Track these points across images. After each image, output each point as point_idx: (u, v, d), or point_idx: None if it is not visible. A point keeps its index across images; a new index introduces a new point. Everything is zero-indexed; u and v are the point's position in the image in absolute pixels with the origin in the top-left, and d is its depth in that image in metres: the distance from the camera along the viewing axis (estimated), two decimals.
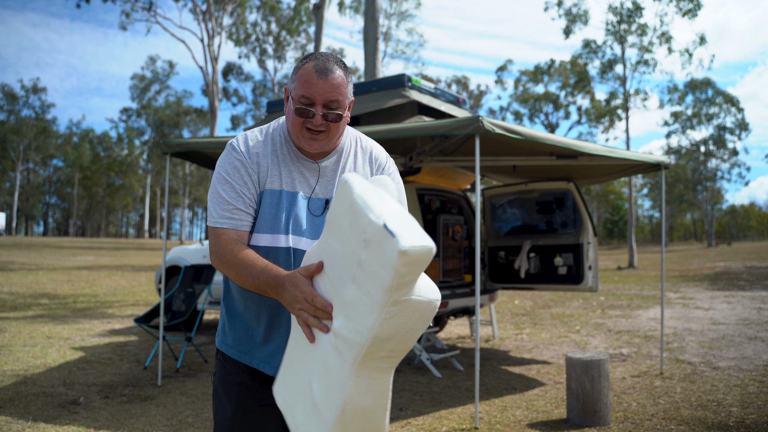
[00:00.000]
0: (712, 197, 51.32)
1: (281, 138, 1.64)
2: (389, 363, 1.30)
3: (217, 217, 1.55)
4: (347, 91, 1.57)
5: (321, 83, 1.51)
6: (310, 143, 1.56)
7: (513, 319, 9.32)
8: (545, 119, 44.26)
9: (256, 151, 1.60)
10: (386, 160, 1.73)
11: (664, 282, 5.99)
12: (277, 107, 6.60)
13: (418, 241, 1.16)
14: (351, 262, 1.25)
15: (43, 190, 71.91)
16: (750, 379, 5.05)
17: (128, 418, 4.02)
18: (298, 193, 1.59)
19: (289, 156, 1.61)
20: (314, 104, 1.53)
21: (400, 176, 2.08)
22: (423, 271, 1.23)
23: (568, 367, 4.03)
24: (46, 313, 9.12)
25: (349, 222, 1.26)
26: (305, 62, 1.55)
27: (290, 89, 1.58)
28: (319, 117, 1.53)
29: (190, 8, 27.97)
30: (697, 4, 25.57)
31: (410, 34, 35.63)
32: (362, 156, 1.70)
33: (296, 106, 1.54)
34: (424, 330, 1.25)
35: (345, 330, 1.26)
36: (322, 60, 1.54)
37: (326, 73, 1.52)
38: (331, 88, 1.52)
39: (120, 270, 18.82)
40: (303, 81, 1.53)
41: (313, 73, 1.52)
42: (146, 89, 51.33)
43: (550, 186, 6.29)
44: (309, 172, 1.62)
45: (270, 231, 1.56)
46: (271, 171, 1.59)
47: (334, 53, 1.48)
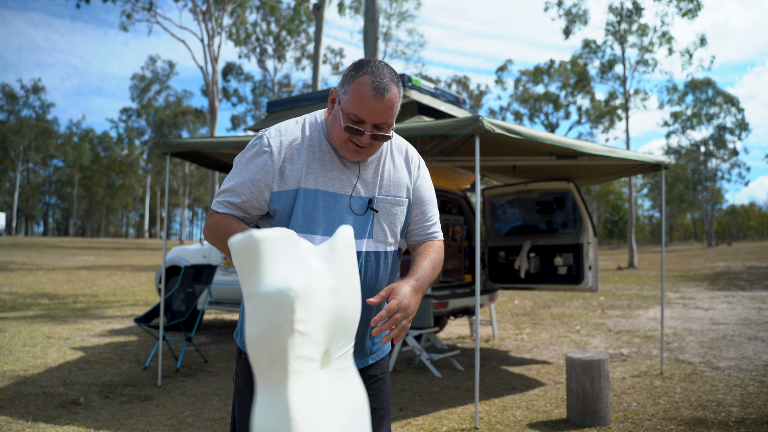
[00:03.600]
0: (712, 197, 51.32)
1: (320, 135, 1.59)
2: (277, 372, 1.18)
3: (222, 201, 1.57)
4: (397, 108, 1.51)
5: (376, 104, 1.45)
6: (355, 156, 1.54)
7: (513, 319, 9.32)
8: (545, 119, 44.26)
9: (292, 147, 1.55)
10: (419, 159, 1.74)
11: (664, 282, 6.00)
12: (277, 107, 6.60)
13: (243, 234, 1.22)
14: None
15: (43, 190, 71.93)
16: (750, 379, 5.05)
17: (128, 418, 4.01)
18: (338, 193, 1.56)
19: (328, 155, 1.57)
20: (364, 123, 1.48)
21: None
22: (267, 262, 1.22)
23: (568, 367, 4.03)
24: (46, 313, 9.12)
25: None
26: (361, 74, 1.47)
27: (340, 98, 1.51)
28: (367, 137, 1.49)
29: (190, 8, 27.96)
30: (697, 4, 25.58)
31: (410, 34, 35.64)
32: (399, 156, 1.69)
33: (346, 123, 1.48)
34: (289, 325, 1.16)
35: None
36: (379, 75, 1.46)
37: (383, 93, 1.45)
38: (386, 109, 1.47)
39: (120, 270, 18.83)
40: (358, 98, 1.46)
41: (370, 92, 1.45)
42: (146, 89, 51.35)
43: (550, 186, 6.29)
44: (350, 170, 1.59)
45: (303, 231, 1.52)
46: (308, 168, 1.55)
47: (387, 66, 1.51)
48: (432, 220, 1.71)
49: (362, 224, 1.57)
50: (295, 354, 1.18)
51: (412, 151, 1.73)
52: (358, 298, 1.39)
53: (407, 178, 1.67)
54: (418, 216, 1.69)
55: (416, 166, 1.71)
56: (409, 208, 1.68)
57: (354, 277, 1.38)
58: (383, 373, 1.72)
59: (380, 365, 1.72)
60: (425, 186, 1.71)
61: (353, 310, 1.37)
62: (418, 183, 1.70)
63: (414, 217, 1.69)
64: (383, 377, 1.73)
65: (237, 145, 4.94)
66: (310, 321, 1.20)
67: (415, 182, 1.69)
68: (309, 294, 1.20)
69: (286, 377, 1.17)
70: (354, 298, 1.37)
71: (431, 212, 1.71)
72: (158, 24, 27.04)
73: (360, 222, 1.57)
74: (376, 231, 1.58)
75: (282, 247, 1.26)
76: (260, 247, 1.21)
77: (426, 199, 1.70)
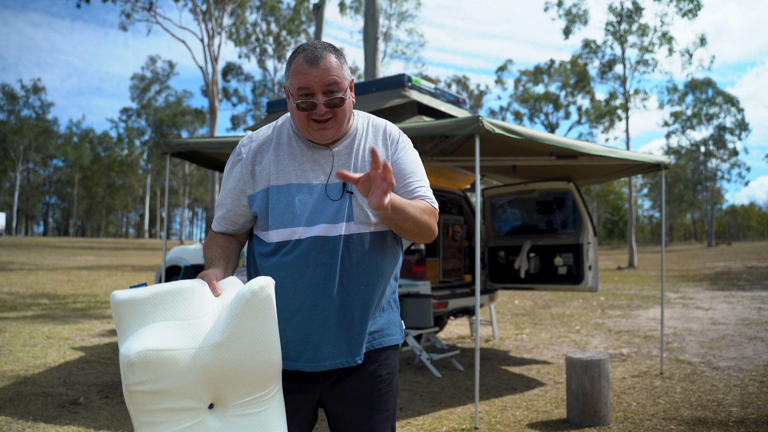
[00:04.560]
0: (712, 197, 51.32)
1: (288, 131, 1.64)
2: (133, 423, 1.32)
3: (216, 218, 1.69)
4: (344, 73, 1.54)
5: (314, 71, 1.50)
6: (322, 133, 1.55)
7: (513, 319, 9.32)
8: (545, 119, 44.27)
9: (261, 149, 1.62)
10: (399, 134, 1.70)
11: (664, 282, 5.99)
12: (277, 107, 6.60)
13: (115, 293, 1.34)
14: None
15: (43, 190, 71.93)
16: (750, 379, 5.05)
17: (128, 418, 4.01)
18: (312, 183, 1.57)
19: (298, 148, 1.61)
20: (314, 94, 1.51)
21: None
22: (125, 324, 1.30)
23: (568, 367, 4.03)
24: (46, 313, 9.12)
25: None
26: (295, 56, 1.54)
27: (287, 86, 1.57)
28: (321, 106, 1.51)
29: (190, 8, 27.97)
30: (697, 4, 25.58)
31: (410, 34, 35.64)
32: (374, 134, 1.67)
33: (297, 101, 1.52)
34: (127, 387, 1.26)
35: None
36: (310, 49, 1.52)
37: (317, 60, 1.50)
38: (326, 72, 1.50)
39: (120, 270, 18.83)
40: (296, 74, 1.51)
41: (304, 64, 1.50)
42: (146, 89, 51.35)
43: (550, 186, 6.29)
44: (323, 159, 1.60)
45: (281, 226, 1.55)
46: (277, 166, 1.59)
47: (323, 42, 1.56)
48: (418, 192, 1.62)
49: (340, 208, 1.56)
50: (142, 409, 1.26)
51: (391, 126, 1.70)
52: (262, 352, 1.37)
53: (384, 153, 1.64)
54: (401, 189, 1.62)
55: (394, 141, 1.67)
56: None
57: (254, 332, 1.35)
58: (389, 373, 1.66)
59: (386, 365, 1.66)
60: (406, 159, 1.65)
61: (253, 364, 1.35)
62: (397, 156, 1.65)
63: (397, 191, 1.61)
64: (388, 378, 1.66)
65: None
66: (163, 380, 1.25)
67: (393, 155, 1.65)
68: (153, 358, 1.24)
69: (137, 428, 1.28)
70: (253, 353, 1.35)
71: (416, 184, 1.63)
72: (158, 24, 27.05)
73: (338, 206, 1.56)
74: (356, 213, 1.56)
75: (148, 307, 1.30)
76: (118, 310, 1.30)
77: (408, 172, 1.64)
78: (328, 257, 1.52)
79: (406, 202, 1.51)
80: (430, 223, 1.59)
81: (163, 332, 1.28)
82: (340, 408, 1.63)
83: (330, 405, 1.64)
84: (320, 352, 1.54)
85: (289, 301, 1.54)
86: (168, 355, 1.26)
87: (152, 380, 1.25)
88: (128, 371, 1.24)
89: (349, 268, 1.54)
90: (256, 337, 1.35)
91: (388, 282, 1.64)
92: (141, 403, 1.26)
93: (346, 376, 1.61)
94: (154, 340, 1.26)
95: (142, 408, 1.26)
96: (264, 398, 1.40)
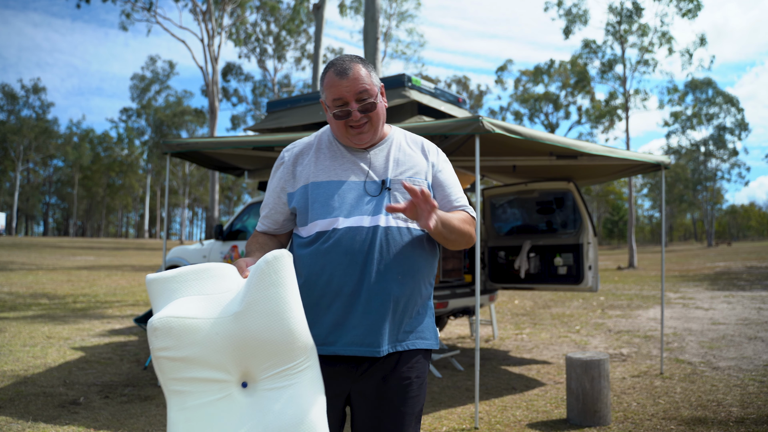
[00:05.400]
0: (712, 197, 51.31)
1: (329, 139, 1.77)
2: (164, 391, 1.39)
3: (260, 218, 1.82)
4: (372, 80, 1.67)
5: (345, 82, 1.63)
6: (360, 137, 1.68)
7: (513, 319, 9.32)
8: (545, 119, 44.26)
9: (302, 153, 1.76)
10: (436, 149, 1.83)
11: (664, 282, 5.99)
12: (277, 107, 6.60)
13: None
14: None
15: (43, 190, 71.92)
16: (750, 379, 5.05)
17: (128, 418, 4.01)
18: (352, 180, 1.68)
19: (339, 151, 1.73)
20: (348, 103, 1.64)
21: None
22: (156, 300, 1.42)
23: (568, 367, 4.03)
24: (46, 313, 9.12)
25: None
26: (326, 71, 1.68)
27: (323, 100, 1.70)
28: (356, 113, 1.64)
29: (190, 8, 27.98)
30: (697, 4, 25.57)
31: (410, 34, 35.62)
32: (413, 146, 1.80)
33: (333, 111, 1.66)
34: (154, 353, 1.34)
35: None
36: (339, 63, 1.66)
37: (346, 72, 1.64)
38: (356, 81, 1.64)
39: (120, 270, 18.83)
40: (330, 87, 1.65)
41: (335, 77, 1.64)
42: (146, 89, 51.33)
43: (550, 186, 6.29)
44: (361, 161, 1.71)
45: (320, 217, 1.64)
46: (317, 166, 1.71)
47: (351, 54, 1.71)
48: (458, 201, 1.77)
49: (379, 203, 1.65)
50: (169, 377, 1.34)
51: (428, 143, 1.85)
52: (282, 320, 1.40)
53: (424, 163, 1.76)
54: (442, 198, 1.77)
55: (434, 154, 1.81)
56: (429, 188, 1.75)
57: (271, 300, 1.39)
58: (418, 377, 1.69)
59: (416, 368, 1.68)
60: (446, 172, 1.80)
61: (272, 332, 1.38)
62: (438, 168, 1.79)
63: (438, 200, 1.76)
64: (417, 381, 1.68)
65: (237, 145, 4.94)
66: (186, 348, 1.33)
67: (435, 167, 1.79)
68: (175, 325, 1.32)
69: (168, 396, 1.36)
70: (272, 320, 1.38)
71: (456, 194, 1.78)
72: (158, 24, 27.07)
73: (377, 201, 1.66)
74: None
75: (175, 285, 1.41)
76: (150, 287, 1.43)
77: (449, 183, 1.79)
78: (366, 246, 1.59)
79: (451, 216, 1.66)
80: (471, 232, 1.74)
81: (186, 304, 1.38)
82: (366, 406, 1.65)
83: (357, 402, 1.66)
84: (357, 336, 1.59)
85: (328, 286, 1.60)
86: (189, 322, 1.33)
87: (175, 347, 1.32)
88: (152, 336, 1.33)
89: (387, 258, 1.61)
90: (272, 305, 1.39)
91: (424, 280, 1.70)
92: (168, 371, 1.33)
93: (377, 373, 1.64)
94: (177, 309, 1.35)
95: (169, 375, 1.34)
96: (292, 371, 1.42)
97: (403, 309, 1.64)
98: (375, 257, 1.59)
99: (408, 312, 1.66)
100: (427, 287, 1.73)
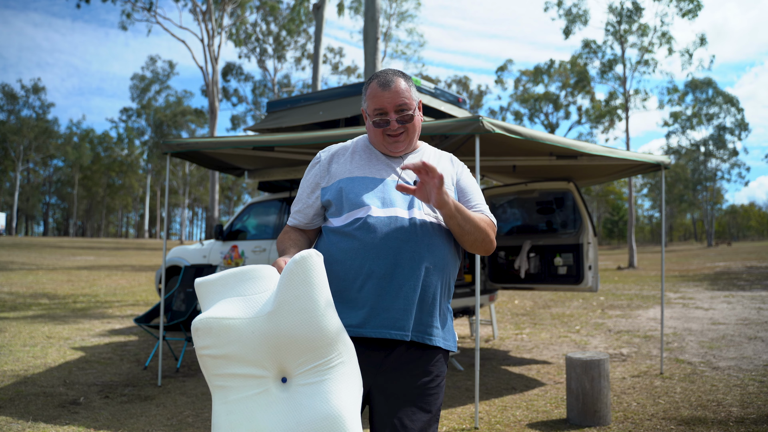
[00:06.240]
0: (712, 197, 51.32)
1: (365, 144, 1.88)
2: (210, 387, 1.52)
3: (292, 213, 1.90)
4: (412, 94, 1.79)
5: (387, 93, 1.75)
6: (396, 146, 1.80)
7: (513, 319, 9.32)
8: (545, 119, 44.25)
9: (338, 154, 1.85)
10: (461, 163, 1.96)
11: (664, 282, 5.99)
12: (277, 107, 6.60)
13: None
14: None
15: (43, 190, 71.90)
16: (750, 379, 5.05)
17: (128, 418, 4.02)
18: (385, 178, 1.77)
19: (374, 156, 1.84)
20: (387, 113, 1.76)
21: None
22: (203, 301, 1.55)
23: (568, 367, 4.03)
24: (46, 313, 9.12)
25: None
26: (370, 82, 1.80)
27: (365, 108, 1.82)
28: (394, 122, 1.76)
29: (190, 8, 27.98)
30: (697, 4, 25.57)
31: (410, 34, 35.63)
32: (441, 157, 1.92)
33: (373, 119, 1.78)
34: (198, 351, 1.47)
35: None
36: (382, 76, 1.78)
37: (389, 84, 1.76)
38: (397, 94, 1.75)
39: (120, 270, 18.83)
40: (372, 97, 1.77)
41: (378, 88, 1.76)
42: (146, 89, 51.32)
43: (550, 186, 6.29)
44: (395, 163, 1.83)
45: (354, 207, 1.72)
46: (352, 164, 1.81)
47: (394, 69, 1.88)
48: (478, 207, 1.85)
49: (410, 199, 1.75)
50: (212, 373, 1.46)
51: (454, 156, 1.98)
52: (313, 317, 1.47)
53: (451, 170, 1.88)
54: (464, 203, 1.85)
55: (459, 165, 1.94)
56: (455, 195, 1.85)
57: (301, 299, 1.46)
58: (437, 375, 1.76)
59: (437, 366, 1.76)
60: (469, 181, 1.91)
61: (304, 328, 1.46)
62: (462, 176, 1.90)
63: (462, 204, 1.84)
64: (437, 379, 1.75)
65: (237, 145, 4.94)
66: (226, 346, 1.44)
67: (459, 175, 1.89)
68: (214, 325, 1.44)
69: (212, 391, 1.48)
70: (303, 318, 1.46)
71: (476, 200, 1.87)
72: (158, 24, 27.06)
73: (409, 198, 1.75)
74: (425, 205, 1.75)
75: (218, 287, 1.53)
76: (198, 290, 1.56)
77: (470, 190, 1.89)
78: (401, 233, 1.67)
79: (466, 211, 1.72)
80: (490, 234, 1.79)
81: (226, 305, 1.48)
82: (386, 401, 1.68)
83: (377, 398, 1.69)
84: (388, 319, 1.65)
85: (361, 269, 1.66)
86: (227, 323, 1.44)
87: (215, 345, 1.44)
88: (194, 336, 1.46)
89: (419, 248, 1.68)
90: (302, 303, 1.46)
91: (450, 278, 1.78)
92: (210, 367, 1.45)
93: (400, 366, 1.69)
94: (217, 311, 1.47)
95: (212, 372, 1.45)
96: (324, 367, 1.48)
97: (431, 300, 1.71)
98: (408, 246, 1.66)
99: (435, 305, 1.73)
100: (451, 286, 1.81)
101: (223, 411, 1.44)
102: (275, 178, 6.45)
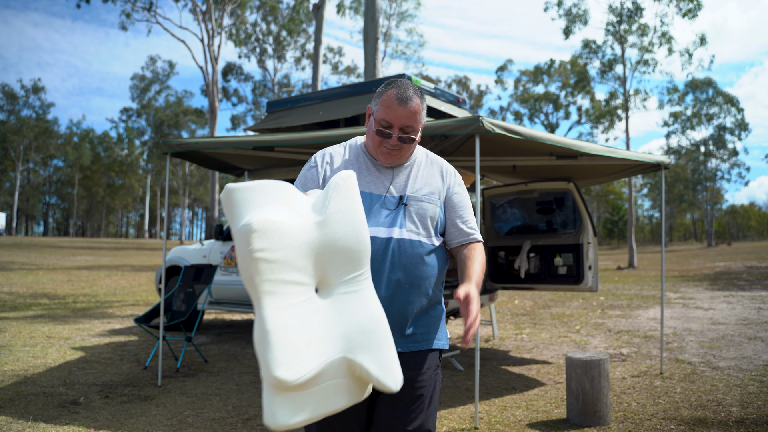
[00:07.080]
0: (712, 197, 51.31)
1: (357, 151, 1.90)
2: (254, 293, 1.46)
3: None
4: (421, 117, 1.81)
5: (400, 110, 1.75)
6: (388, 158, 1.82)
7: (513, 319, 9.32)
8: (545, 119, 44.25)
9: (333, 159, 1.86)
10: (453, 172, 1.97)
11: (664, 282, 5.99)
12: (277, 107, 6.60)
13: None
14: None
15: (43, 190, 71.89)
16: (750, 379, 5.05)
17: (128, 418, 4.02)
18: (374, 193, 1.81)
19: (365, 163, 1.86)
20: (392, 127, 1.77)
21: None
22: (240, 208, 1.49)
23: (568, 367, 4.03)
24: (46, 313, 9.12)
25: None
26: (388, 89, 1.79)
27: (373, 110, 1.83)
28: (395, 139, 1.78)
29: (190, 8, 27.98)
30: (697, 4, 25.56)
31: (410, 34, 35.60)
32: (433, 167, 1.93)
33: (377, 127, 1.79)
34: (250, 254, 1.40)
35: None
36: (403, 89, 1.77)
37: (406, 101, 1.76)
38: (409, 114, 1.77)
39: (120, 270, 18.83)
40: (385, 106, 1.77)
41: (394, 100, 1.76)
42: (146, 89, 51.33)
43: (550, 186, 6.29)
44: (384, 176, 1.85)
45: None
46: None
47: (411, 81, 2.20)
48: (469, 223, 1.90)
49: (395, 217, 1.79)
50: (264, 278, 1.41)
51: (447, 165, 1.98)
52: (357, 230, 1.56)
53: (440, 184, 1.90)
54: (455, 219, 1.89)
55: (451, 176, 1.94)
56: (442, 209, 1.88)
57: (348, 211, 1.55)
58: (428, 369, 1.83)
59: (427, 361, 1.83)
60: (461, 194, 1.93)
61: (350, 239, 1.54)
62: (454, 190, 1.92)
63: (451, 220, 1.89)
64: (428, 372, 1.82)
65: (237, 145, 4.94)
66: (280, 250, 1.43)
67: (450, 189, 1.91)
68: (270, 227, 1.42)
69: (260, 297, 1.42)
70: (350, 230, 1.54)
71: (468, 216, 1.91)
72: (158, 24, 27.06)
73: (393, 215, 1.79)
74: (408, 223, 1.79)
75: (257, 195, 1.51)
76: (233, 196, 1.50)
77: (462, 205, 1.91)
78: (379, 255, 1.72)
79: (475, 273, 1.78)
80: (484, 263, 1.89)
81: (274, 210, 1.48)
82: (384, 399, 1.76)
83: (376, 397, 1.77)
84: None
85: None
86: (282, 226, 1.45)
87: (271, 248, 1.42)
88: (252, 238, 1.41)
89: (398, 267, 1.74)
90: (350, 216, 1.55)
91: (433, 287, 1.83)
92: (263, 272, 1.42)
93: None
94: (270, 213, 1.46)
95: (264, 276, 1.42)
96: (360, 278, 1.57)
97: (415, 314, 1.79)
98: (387, 266, 1.72)
99: (420, 316, 1.81)
100: (436, 292, 1.86)
101: (274, 317, 1.43)
102: (275, 178, 6.45)
